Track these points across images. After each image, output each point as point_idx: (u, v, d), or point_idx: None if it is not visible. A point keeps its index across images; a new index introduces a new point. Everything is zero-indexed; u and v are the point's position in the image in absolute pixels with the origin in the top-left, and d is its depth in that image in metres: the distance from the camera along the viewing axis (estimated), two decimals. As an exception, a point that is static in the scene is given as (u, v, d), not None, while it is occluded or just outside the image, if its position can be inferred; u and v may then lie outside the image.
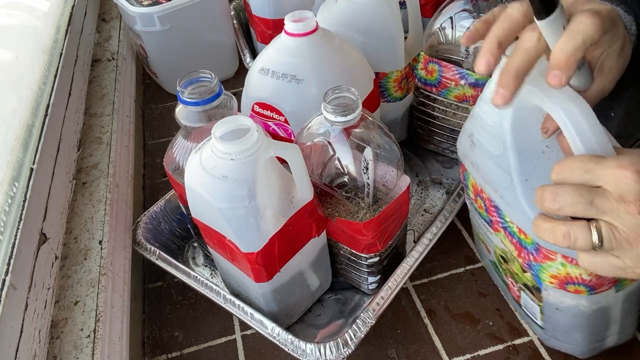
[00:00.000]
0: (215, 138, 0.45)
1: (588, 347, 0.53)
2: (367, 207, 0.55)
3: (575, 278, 0.44)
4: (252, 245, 0.49)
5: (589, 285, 0.45)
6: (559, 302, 0.48)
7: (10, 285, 0.46)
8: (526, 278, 0.50)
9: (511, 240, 0.48)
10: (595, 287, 0.45)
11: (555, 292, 0.47)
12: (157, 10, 0.85)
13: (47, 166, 0.60)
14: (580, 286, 0.45)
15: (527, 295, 0.53)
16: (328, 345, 0.52)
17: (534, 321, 0.55)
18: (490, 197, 0.48)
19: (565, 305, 0.48)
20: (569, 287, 0.46)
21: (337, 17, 0.68)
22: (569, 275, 0.44)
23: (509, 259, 0.52)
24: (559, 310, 0.49)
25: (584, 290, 0.45)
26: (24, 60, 0.68)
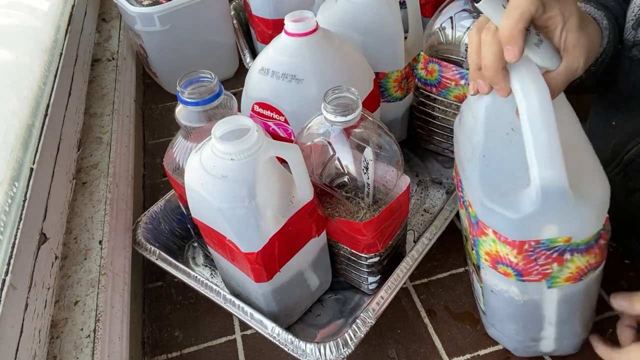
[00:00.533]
0: (215, 138, 0.45)
1: (521, 344, 0.53)
2: (367, 207, 0.55)
3: (503, 257, 0.45)
4: (252, 245, 0.49)
5: (516, 269, 0.45)
6: (493, 285, 0.49)
7: (10, 285, 0.46)
8: (473, 256, 0.51)
9: (467, 217, 0.50)
10: (523, 274, 0.45)
11: (489, 272, 0.48)
12: (157, 10, 0.85)
13: (47, 166, 0.60)
14: (509, 268, 0.45)
15: (475, 277, 0.53)
16: (328, 345, 0.52)
17: (479, 305, 0.56)
18: (459, 172, 0.50)
19: (498, 288, 0.49)
20: (499, 268, 0.46)
21: (337, 17, 0.68)
22: (498, 254, 0.45)
23: (467, 237, 0.53)
24: (493, 293, 0.50)
25: (512, 274, 0.45)
26: (24, 60, 0.68)
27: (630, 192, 0.59)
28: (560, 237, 0.42)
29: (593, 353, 0.52)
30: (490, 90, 0.42)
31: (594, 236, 0.43)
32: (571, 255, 0.43)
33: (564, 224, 0.42)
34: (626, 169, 0.59)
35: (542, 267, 0.44)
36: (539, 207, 0.40)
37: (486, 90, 0.42)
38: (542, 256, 0.43)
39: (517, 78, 0.39)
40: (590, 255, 0.44)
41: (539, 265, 0.44)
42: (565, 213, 0.41)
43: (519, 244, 0.43)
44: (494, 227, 0.43)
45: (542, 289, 0.46)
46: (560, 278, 0.45)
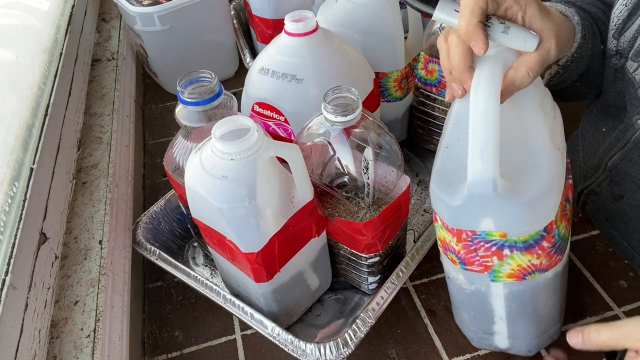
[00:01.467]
0: (215, 138, 0.45)
1: (475, 334, 0.54)
2: (367, 207, 0.55)
3: (448, 244, 0.46)
4: (252, 245, 0.49)
5: (459, 257, 0.46)
6: (448, 271, 0.51)
7: (10, 285, 0.46)
8: None
9: None
10: (466, 263, 0.46)
11: (444, 258, 0.49)
12: (157, 10, 0.85)
13: (47, 166, 0.60)
14: (454, 255, 0.46)
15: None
16: (328, 345, 0.52)
17: None
18: None
19: (451, 276, 0.50)
20: (448, 254, 0.47)
21: (337, 17, 0.68)
22: (445, 241, 0.46)
23: None
24: (449, 279, 0.51)
25: (457, 261, 0.46)
26: (24, 60, 0.68)
27: (617, 198, 0.60)
28: (495, 232, 0.43)
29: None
30: (464, 93, 0.44)
31: (532, 237, 0.43)
32: (510, 251, 0.44)
33: (498, 219, 0.42)
34: (611, 174, 0.59)
35: (483, 259, 0.45)
36: (469, 198, 0.41)
37: (459, 93, 0.44)
38: (482, 248, 0.44)
39: (475, 75, 0.41)
40: (532, 256, 0.44)
41: (479, 256, 0.45)
42: (496, 207, 0.41)
43: (457, 232, 0.44)
44: (439, 214, 0.45)
45: (486, 281, 0.47)
46: (502, 273, 0.45)
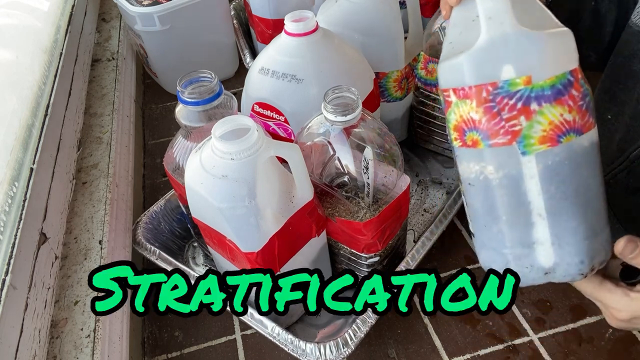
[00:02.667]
0: (215, 138, 0.45)
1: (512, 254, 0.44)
2: (367, 207, 0.55)
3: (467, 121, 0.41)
4: (252, 245, 0.49)
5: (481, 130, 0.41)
6: (467, 172, 0.44)
7: (10, 285, 0.46)
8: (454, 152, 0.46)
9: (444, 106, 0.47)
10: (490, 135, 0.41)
11: (462, 154, 0.44)
12: (157, 10, 0.85)
13: (47, 166, 0.60)
14: (474, 132, 0.41)
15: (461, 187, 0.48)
16: (328, 345, 0.52)
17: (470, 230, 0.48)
18: None
19: (472, 176, 0.43)
20: (467, 139, 0.42)
21: (337, 17, 0.68)
22: (462, 120, 0.42)
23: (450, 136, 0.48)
24: (471, 186, 0.44)
25: (479, 138, 0.41)
26: (24, 60, 0.68)
27: (632, 191, 0.59)
28: (518, 78, 0.39)
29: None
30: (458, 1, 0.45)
31: (559, 79, 0.39)
32: (539, 104, 0.39)
33: (519, 62, 0.39)
34: (631, 166, 0.57)
35: (509, 123, 0.40)
36: (483, 44, 0.39)
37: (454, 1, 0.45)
38: (506, 107, 0.39)
39: None
40: (564, 108, 0.39)
41: (504, 120, 0.40)
42: (515, 47, 0.39)
43: (476, 90, 0.40)
44: (451, 85, 0.42)
45: (517, 158, 0.41)
46: (533, 138, 0.40)
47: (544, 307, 0.61)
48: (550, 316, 0.60)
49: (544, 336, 0.58)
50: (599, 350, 0.57)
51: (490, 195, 0.43)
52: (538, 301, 0.62)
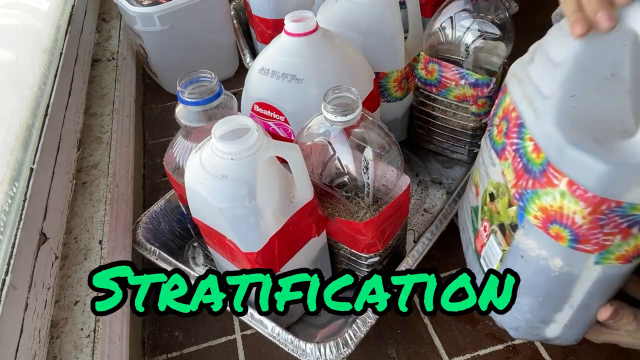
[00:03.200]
0: (215, 138, 0.45)
1: (528, 324, 0.48)
2: (367, 207, 0.55)
3: (565, 216, 0.39)
4: (252, 245, 0.49)
5: (574, 233, 0.39)
6: (529, 249, 0.44)
7: (10, 285, 0.46)
8: (507, 215, 0.46)
9: (516, 167, 0.44)
10: (580, 240, 0.40)
11: (533, 234, 0.43)
12: (157, 10, 0.85)
13: (47, 166, 0.60)
14: (565, 231, 0.40)
15: (495, 240, 0.48)
16: (328, 345, 0.52)
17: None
18: (520, 113, 0.44)
19: (533, 255, 0.43)
20: (552, 229, 0.41)
21: (337, 17, 0.68)
22: (560, 211, 0.39)
23: (499, 194, 0.48)
24: (523, 259, 0.44)
25: (567, 237, 0.40)
26: (24, 60, 0.68)
27: None
28: None
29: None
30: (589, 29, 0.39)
31: None
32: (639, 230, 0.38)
33: None
34: None
35: (604, 237, 0.39)
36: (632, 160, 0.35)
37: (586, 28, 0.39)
38: (612, 223, 0.38)
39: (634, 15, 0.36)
40: None
41: (602, 233, 0.39)
42: None
43: (599, 201, 0.37)
44: (572, 177, 0.37)
45: (588, 263, 0.41)
46: (614, 254, 0.40)
47: (544, 307, 0.61)
48: (550, 316, 0.60)
49: (544, 336, 0.58)
50: (599, 350, 0.57)
51: (540, 278, 0.44)
52: (538, 301, 0.62)
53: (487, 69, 0.69)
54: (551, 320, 0.47)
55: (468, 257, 0.57)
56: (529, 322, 0.48)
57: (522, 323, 0.49)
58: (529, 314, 0.48)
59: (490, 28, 0.66)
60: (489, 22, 0.66)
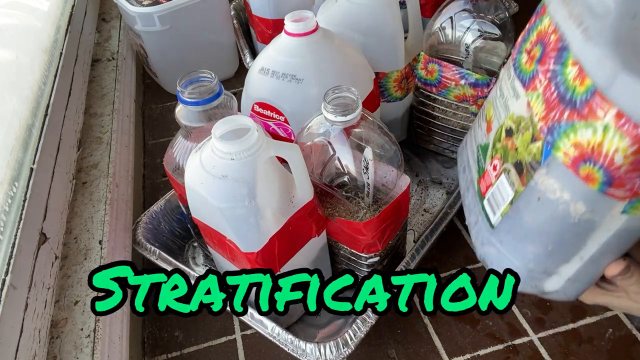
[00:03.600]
0: (215, 138, 0.45)
1: (528, 274, 0.44)
2: (367, 207, 0.55)
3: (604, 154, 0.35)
4: (252, 245, 0.49)
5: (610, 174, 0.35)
6: (548, 190, 0.39)
7: (10, 285, 0.46)
8: (528, 151, 0.41)
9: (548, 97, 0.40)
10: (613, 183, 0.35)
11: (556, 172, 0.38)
12: (157, 10, 0.85)
13: (47, 166, 0.60)
14: (600, 171, 0.35)
15: (508, 180, 0.44)
16: (328, 345, 0.52)
17: (487, 218, 0.46)
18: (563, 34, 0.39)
19: (552, 197, 0.39)
20: (583, 169, 0.36)
21: (337, 17, 0.68)
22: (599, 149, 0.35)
23: (520, 128, 0.43)
24: (539, 202, 0.40)
25: (599, 179, 0.36)
26: (24, 60, 0.68)
27: None
28: None
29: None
30: None
31: None
32: None
33: None
34: None
35: None
36: None
37: None
38: None
39: None
40: None
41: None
42: None
43: None
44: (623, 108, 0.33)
45: (613, 211, 0.37)
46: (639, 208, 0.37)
47: (544, 307, 0.61)
48: (550, 316, 0.60)
49: (544, 336, 0.58)
50: (599, 350, 0.57)
51: (555, 224, 0.40)
52: (538, 301, 0.62)
53: (487, 69, 0.69)
54: (555, 271, 0.43)
55: (467, 200, 0.51)
56: (530, 272, 0.44)
57: (522, 272, 0.44)
58: (532, 262, 0.43)
59: (490, 28, 0.66)
60: (489, 22, 0.66)
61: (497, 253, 0.46)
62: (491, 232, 0.46)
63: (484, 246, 0.47)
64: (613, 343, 0.57)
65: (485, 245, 0.47)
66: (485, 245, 0.47)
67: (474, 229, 0.49)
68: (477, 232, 0.48)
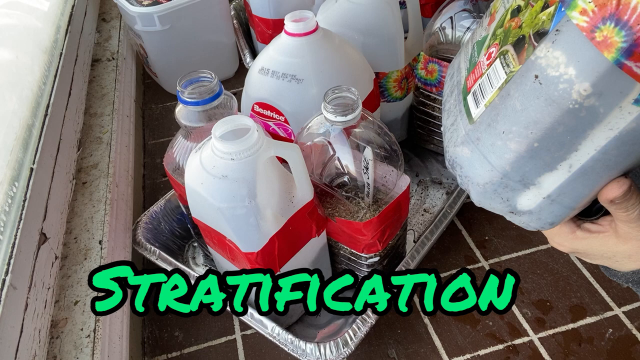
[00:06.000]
0: (215, 138, 0.45)
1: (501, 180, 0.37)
2: (367, 207, 0.55)
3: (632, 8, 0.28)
4: (252, 245, 0.49)
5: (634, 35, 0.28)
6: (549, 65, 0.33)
7: (10, 285, 0.46)
8: (537, 21, 0.35)
9: None
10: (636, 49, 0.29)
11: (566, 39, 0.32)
12: (157, 10, 0.85)
13: (47, 166, 0.60)
14: (621, 32, 0.29)
15: (502, 62, 0.37)
16: (328, 345, 0.52)
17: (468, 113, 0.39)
18: None
19: (553, 74, 0.32)
20: (600, 29, 0.30)
21: (337, 17, 0.68)
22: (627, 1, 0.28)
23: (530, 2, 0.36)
24: (535, 81, 0.33)
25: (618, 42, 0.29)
26: (24, 60, 0.68)
27: None
28: None
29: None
30: None
31: None
32: None
33: None
34: None
35: None
36: None
37: None
38: None
39: None
40: None
41: None
42: None
43: None
44: None
45: (625, 99, 0.31)
46: None
47: (544, 307, 0.61)
48: (550, 316, 0.60)
49: (544, 336, 0.58)
50: (599, 350, 0.57)
51: (549, 111, 0.33)
52: (538, 301, 0.62)
53: (487, 69, 0.69)
54: (534, 182, 0.36)
55: (448, 104, 0.44)
56: (505, 177, 0.37)
57: (495, 177, 0.37)
58: (509, 165, 0.36)
59: (490, 28, 0.66)
60: (489, 22, 0.66)
61: (470, 154, 0.39)
62: (469, 130, 0.39)
63: (457, 147, 0.40)
64: (613, 343, 0.57)
65: (458, 146, 0.40)
66: (458, 145, 0.40)
67: (448, 132, 0.42)
68: (452, 134, 0.41)
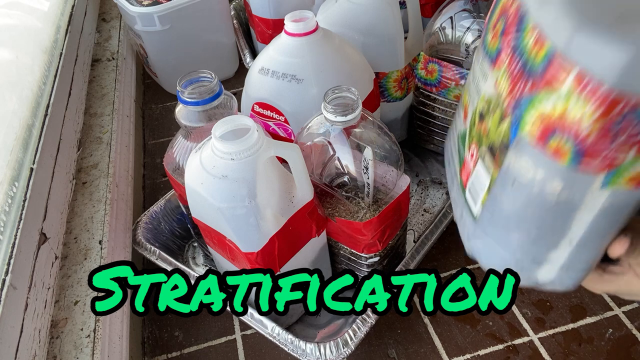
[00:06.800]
0: (215, 138, 0.45)
1: (516, 264, 0.42)
2: (367, 207, 0.55)
3: (569, 123, 0.32)
4: (252, 245, 0.49)
5: (579, 144, 0.32)
6: (520, 172, 0.37)
7: (10, 285, 0.46)
8: (498, 132, 0.39)
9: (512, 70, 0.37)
10: (585, 153, 0.33)
11: (527, 152, 0.36)
12: (157, 10, 0.85)
13: (47, 166, 0.60)
14: (568, 143, 0.33)
15: (483, 166, 0.41)
16: (328, 345, 0.52)
17: (470, 210, 0.43)
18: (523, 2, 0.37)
19: (526, 179, 0.36)
20: (552, 142, 0.34)
21: (337, 17, 0.68)
22: (563, 117, 0.32)
23: (490, 110, 0.40)
24: (514, 186, 0.38)
25: (569, 152, 0.33)
26: (24, 60, 0.68)
27: None
28: None
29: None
30: None
31: None
32: None
33: None
34: None
35: (615, 152, 0.32)
36: None
37: None
38: (626, 132, 0.31)
39: None
40: None
41: (614, 147, 0.32)
42: None
43: (613, 99, 0.30)
44: (586, 66, 0.31)
45: (593, 187, 0.34)
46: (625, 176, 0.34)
47: (544, 307, 0.61)
48: (550, 316, 0.60)
49: (544, 336, 0.58)
50: (599, 350, 0.57)
51: (534, 208, 0.38)
52: (538, 301, 0.62)
53: (487, 69, 0.69)
54: (545, 259, 0.40)
55: (453, 193, 0.49)
56: (518, 262, 0.42)
57: (511, 263, 0.42)
58: (518, 252, 0.41)
59: (490, 28, 0.66)
60: (489, 22, 0.66)
61: (483, 246, 0.44)
62: (475, 224, 0.43)
63: (470, 240, 0.45)
64: (613, 343, 0.57)
65: (471, 240, 0.44)
66: (471, 239, 0.44)
67: (459, 224, 0.46)
68: (463, 227, 0.46)
